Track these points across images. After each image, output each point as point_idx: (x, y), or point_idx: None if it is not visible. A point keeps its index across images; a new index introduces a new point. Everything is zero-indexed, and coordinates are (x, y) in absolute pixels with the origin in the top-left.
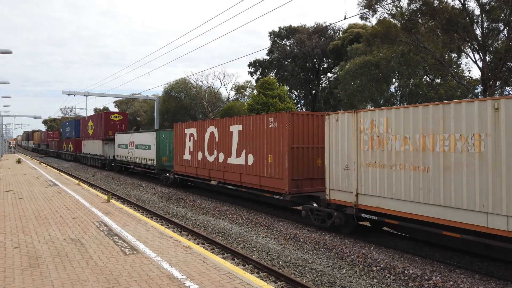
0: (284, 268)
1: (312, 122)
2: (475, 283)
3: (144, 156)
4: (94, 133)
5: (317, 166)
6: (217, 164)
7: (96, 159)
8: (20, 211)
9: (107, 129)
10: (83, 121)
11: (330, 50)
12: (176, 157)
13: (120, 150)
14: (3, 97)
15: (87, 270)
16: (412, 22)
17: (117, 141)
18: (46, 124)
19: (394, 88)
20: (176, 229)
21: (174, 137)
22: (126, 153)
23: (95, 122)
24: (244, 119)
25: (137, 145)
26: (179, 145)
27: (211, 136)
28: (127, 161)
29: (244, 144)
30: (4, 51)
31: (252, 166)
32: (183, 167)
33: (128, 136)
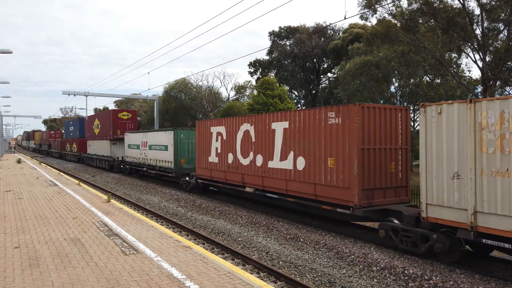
0: (284, 268)
1: (384, 117)
2: (475, 283)
3: (159, 157)
4: (100, 133)
5: (390, 172)
6: (253, 168)
7: (103, 160)
8: (20, 211)
9: (115, 128)
10: (88, 120)
11: (330, 50)
12: (200, 159)
13: (131, 151)
14: (3, 97)
15: (87, 270)
16: (412, 22)
17: (127, 141)
18: (46, 124)
19: (394, 88)
20: (176, 229)
21: (197, 137)
22: (138, 154)
23: (102, 121)
24: (292, 115)
25: (150, 146)
26: (204, 146)
27: (245, 135)
28: (138, 163)
29: (292, 145)
30: (4, 51)
31: (303, 172)
32: (208, 171)
33: (140, 136)
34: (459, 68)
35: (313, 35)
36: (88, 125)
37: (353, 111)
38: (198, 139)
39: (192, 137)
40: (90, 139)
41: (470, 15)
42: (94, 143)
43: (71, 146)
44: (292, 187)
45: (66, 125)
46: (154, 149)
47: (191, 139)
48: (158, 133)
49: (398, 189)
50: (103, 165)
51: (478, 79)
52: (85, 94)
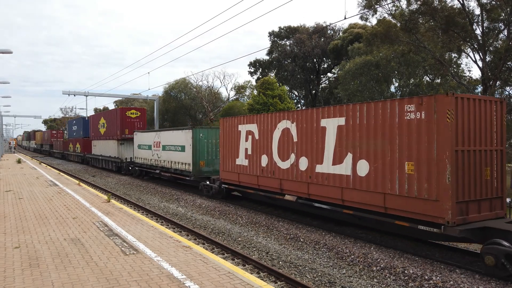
0: (284, 268)
1: (478, 111)
2: (475, 283)
3: (175, 159)
4: (107, 132)
5: (485, 180)
6: (295, 172)
7: (109, 162)
8: (20, 211)
9: (123, 127)
10: (93, 119)
11: (330, 50)
12: (224, 162)
13: (141, 152)
14: (3, 97)
15: (87, 270)
16: (412, 23)
17: (136, 141)
18: (46, 124)
19: (394, 88)
20: (176, 229)
21: (221, 136)
22: (149, 156)
23: (108, 119)
24: (351, 110)
25: (164, 146)
26: (230, 146)
27: (284, 134)
28: (150, 164)
29: (350, 146)
30: (4, 51)
31: (366, 178)
32: (236, 175)
33: (151, 135)
34: (459, 68)
35: (313, 35)
36: (93, 124)
37: (444, 103)
38: (222, 139)
39: (212, 137)
40: (95, 139)
41: (470, 15)
42: (100, 143)
43: (75, 146)
44: (350, 196)
45: (69, 124)
46: (168, 150)
47: (211, 139)
48: (173, 132)
49: (493, 201)
50: (110, 166)
51: (478, 79)
52: (85, 94)
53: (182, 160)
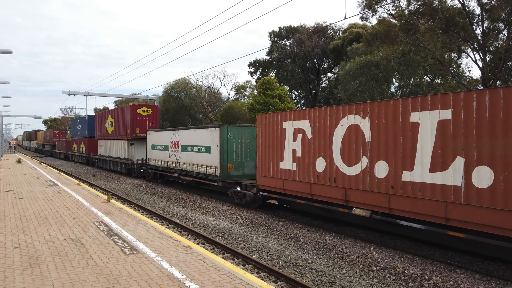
0: (284, 268)
1: None
2: (475, 283)
3: (197, 161)
4: (115, 131)
5: None
6: (369, 180)
7: (118, 163)
8: (20, 211)
9: (133, 126)
10: (99, 118)
11: (330, 50)
12: (263, 166)
13: (155, 153)
14: (3, 97)
15: (87, 270)
16: (412, 23)
17: (150, 141)
18: (46, 124)
19: (394, 88)
20: (176, 229)
21: (259, 135)
22: (165, 157)
23: (116, 118)
24: (463, 98)
25: (184, 147)
26: (271, 147)
27: (351, 132)
28: (166, 167)
29: (461, 147)
30: (4, 51)
31: (489, 192)
32: (279, 181)
33: (168, 135)
34: (459, 68)
35: (313, 35)
36: (99, 123)
37: None
38: (261, 139)
39: (242, 136)
40: (102, 138)
41: (470, 15)
42: (107, 143)
43: (79, 147)
44: (462, 214)
45: (73, 123)
46: (189, 151)
47: (241, 138)
48: (195, 131)
49: None
50: (119, 168)
51: (479, 79)
52: (85, 94)
53: (206, 163)
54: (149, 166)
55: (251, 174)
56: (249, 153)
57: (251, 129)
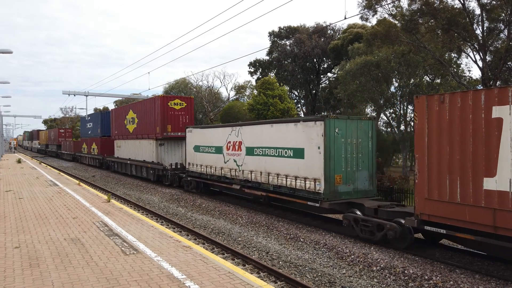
0: (284, 268)
1: None
2: (475, 283)
3: (278, 170)
4: (139, 130)
5: None
6: None
7: (143, 168)
8: (20, 211)
9: (164, 122)
10: (116, 113)
11: (330, 50)
12: (435, 181)
13: (200, 157)
14: (3, 97)
15: (87, 270)
16: (413, 23)
17: (191, 141)
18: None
19: (394, 88)
20: (176, 229)
21: (422, 130)
22: (218, 162)
23: (140, 112)
24: None
25: (252, 149)
26: (458, 150)
27: None
28: (218, 175)
29: None
30: (4, 51)
31: None
32: (485, 212)
33: (222, 133)
34: (459, 68)
35: (313, 35)
36: (117, 120)
37: None
38: (427, 136)
39: (353, 133)
40: (120, 138)
41: (471, 15)
42: (127, 144)
43: (90, 147)
44: None
45: (83, 121)
46: (262, 155)
47: (351, 137)
48: (274, 126)
49: None
50: (144, 174)
51: (478, 79)
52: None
53: (296, 173)
54: (190, 173)
55: (363, 190)
56: (361, 159)
57: (363, 123)
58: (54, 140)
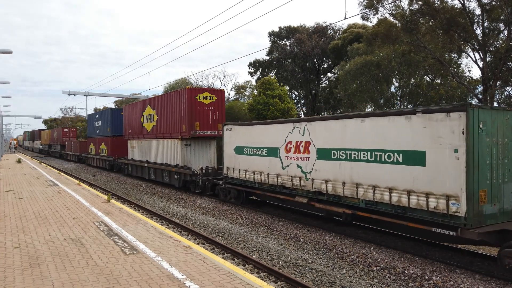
0: (284, 268)
1: None
2: (475, 283)
3: (380, 181)
4: (159, 128)
5: None
6: None
7: (164, 172)
8: (20, 211)
9: (192, 119)
10: (131, 110)
11: (330, 50)
12: None
13: (246, 161)
14: (4, 97)
15: (87, 270)
16: (413, 23)
17: (232, 141)
18: (46, 124)
19: (394, 88)
20: (176, 229)
21: None
22: (273, 169)
23: (161, 108)
24: None
25: (328, 151)
26: None
27: None
28: (272, 184)
29: None
30: (4, 51)
31: None
32: None
33: (279, 130)
34: (459, 68)
35: (313, 35)
36: (131, 118)
37: None
38: None
39: (499, 130)
40: (135, 137)
41: (471, 15)
42: (144, 145)
43: (98, 148)
44: None
45: (90, 119)
46: (347, 160)
47: (496, 136)
48: (369, 121)
49: None
50: (166, 179)
51: (479, 79)
52: (85, 94)
53: (410, 185)
54: (229, 179)
55: (509, 211)
56: (507, 166)
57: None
58: (58, 140)
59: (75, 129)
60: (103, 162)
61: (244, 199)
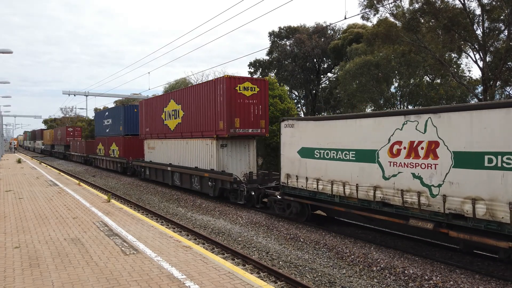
0: (284, 268)
1: None
2: (475, 283)
3: None
4: (186, 125)
5: None
6: None
7: (194, 178)
8: (20, 211)
9: (231, 115)
10: (148, 105)
11: (330, 50)
12: None
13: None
14: (4, 97)
15: (87, 270)
16: (413, 23)
17: (295, 142)
18: (46, 124)
19: (394, 88)
20: (176, 229)
21: None
22: (366, 178)
23: (190, 102)
24: None
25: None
26: None
27: None
28: (364, 199)
29: None
30: (4, 51)
31: None
32: None
33: (378, 127)
34: (459, 68)
35: (313, 35)
36: (148, 114)
37: None
38: None
39: None
40: (154, 137)
41: (471, 15)
42: (166, 145)
43: (108, 148)
44: None
45: (98, 117)
46: None
47: None
48: None
49: None
50: (196, 185)
51: (479, 79)
52: (85, 94)
53: None
54: (289, 190)
55: None
56: None
57: None
58: (61, 139)
59: (80, 128)
60: (114, 164)
61: (309, 215)
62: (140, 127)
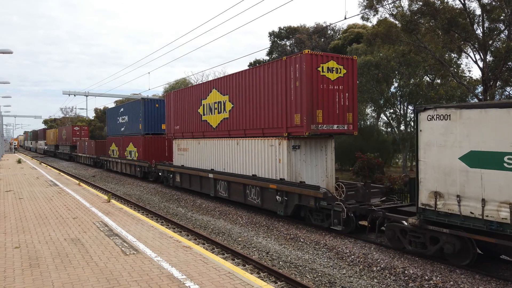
0: (284, 268)
1: None
2: (475, 283)
3: None
4: (237, 121)
5: None
6: None
7: (250, 188)
8: (20, 211)
9: (311, 105)
10: (178, 98)
11: (330, 50)
12: None
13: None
14: (3, 97)
15: (88, 270)
16: (413, 23)
17: (455, 142)
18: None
19: (394, 88)
20: (176, 229)
21: None
22: None
23: (243, 90)
24: None
25: None
26: None
27: None
28: None
29: None
30: (4, 51)
31: None
32: None
33: None
34: (459, 68)
35: (313, 35)
36: (178, 109)
37: None
38: None
39: None
40: (186, 136)
41: (471, 16)
42: (205, 146)
43: (123, 150)
44: None
45: (111, 113)
46: None
47: None
48: None
49: None
50: (255, 200)
51: (479, 79)
52: (85, 94)
53: None
54: (440, 216)
55: None
56: None
57: None
58: (67, 139)
59: (87, 127)
60: (132, 168)
61: (475, 256)
62: (166, 125)
